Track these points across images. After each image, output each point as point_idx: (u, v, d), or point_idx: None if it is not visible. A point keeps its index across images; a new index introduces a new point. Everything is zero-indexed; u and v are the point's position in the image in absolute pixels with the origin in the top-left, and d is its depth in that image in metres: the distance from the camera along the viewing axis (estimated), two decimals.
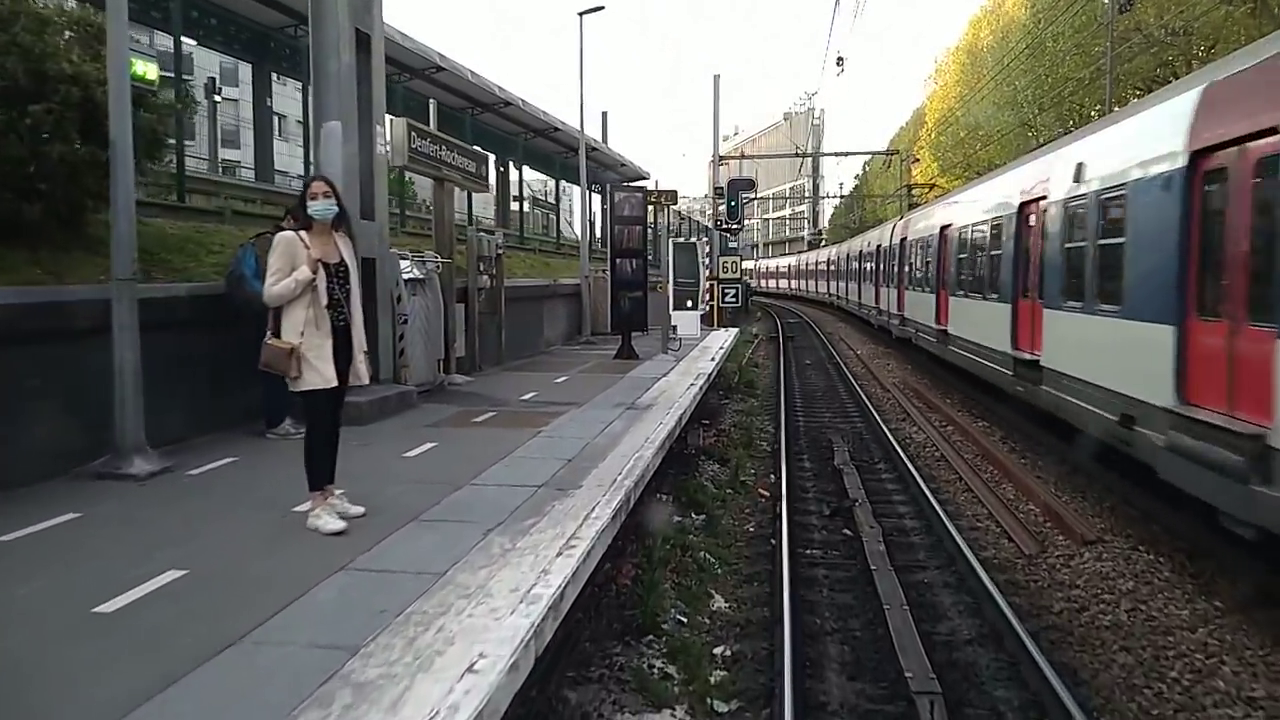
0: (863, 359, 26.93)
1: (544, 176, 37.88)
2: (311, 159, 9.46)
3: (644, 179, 41.50)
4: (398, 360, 10.54)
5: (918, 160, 51.52)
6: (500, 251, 13.92)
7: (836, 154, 43.60)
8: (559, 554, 5.23)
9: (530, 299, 16.17)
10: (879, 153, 49.27)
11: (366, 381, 6.11)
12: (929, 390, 20.67)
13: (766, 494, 12.42)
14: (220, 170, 30.17)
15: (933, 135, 51.80)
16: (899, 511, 11.67)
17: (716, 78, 36.18)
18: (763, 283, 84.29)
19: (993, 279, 16.39)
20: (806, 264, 66.52)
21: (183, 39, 16.57)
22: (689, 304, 14.85)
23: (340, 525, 5.67)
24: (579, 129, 19.69)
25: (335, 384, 5.70)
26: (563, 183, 37.13)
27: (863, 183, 75.70)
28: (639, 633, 6.86)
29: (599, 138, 37.94)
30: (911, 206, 43.26)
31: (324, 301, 5.71)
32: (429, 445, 8.25)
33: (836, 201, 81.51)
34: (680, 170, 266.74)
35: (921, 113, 59.15)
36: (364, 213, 9.68)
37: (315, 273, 5.65)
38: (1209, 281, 8.19)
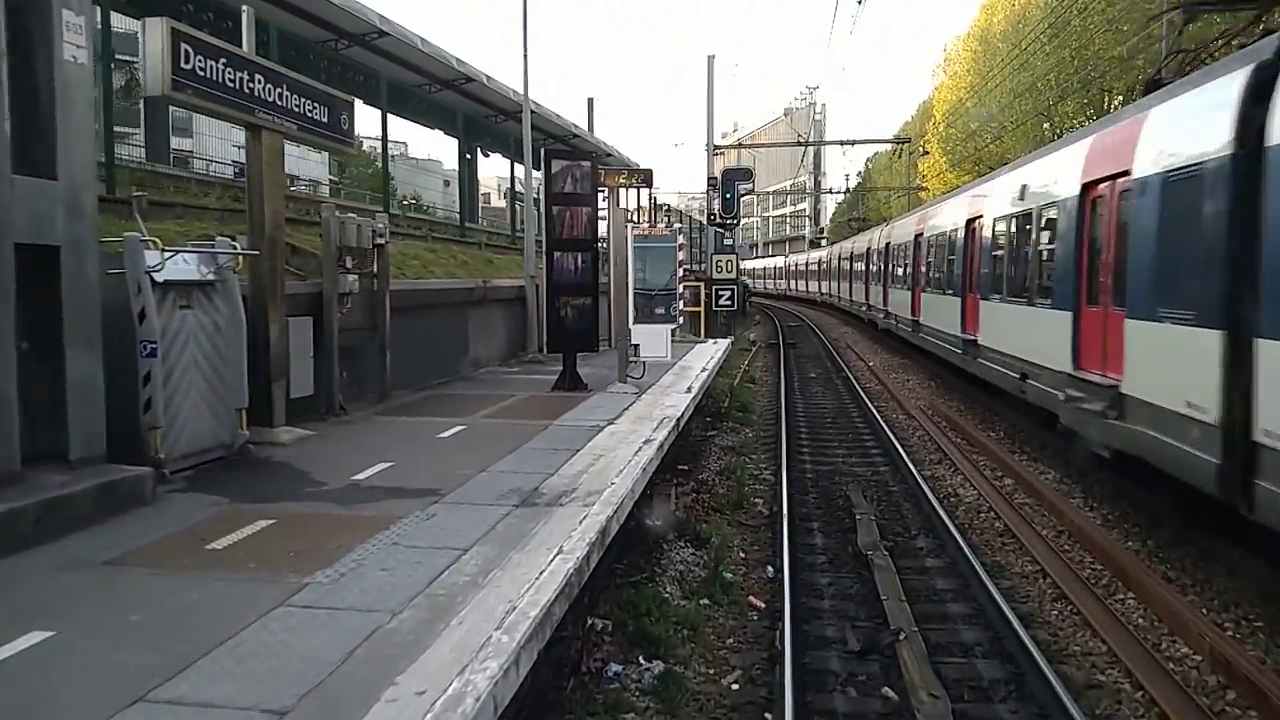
0: (875, 372, 22.28)
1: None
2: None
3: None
4: (143, 419, 5.96)
5: (927, 153, 46.68)
6: (383, 241, 9.33)
7: (841, 142, 38.73)
8: None
9: (446, 307, 11.51)
10: (887, 141, 44.38)
11: None
12: (962, 416, 16.01)
13: (761, 605, 7.94)
14: (171, 161, 25.78)
15: (941, 128, 46.99)
16: (965, 642, 7.21)
17: (711, 58, 31.56)
18: (793, 284, 66.25)
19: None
20: (832, 261, 47.02)
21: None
22: (657, 314, 10.28)
23: None
24: (523, 92, 15.07)
25: None
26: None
27: (866, 179, 70.63)
28: None
29: (584, 126, 33.36)
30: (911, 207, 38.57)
31: None
32: (24, 643, 3.66)
33: (839, 199, 76.41)
34: (677, 170, 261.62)
35: (928, 105, 54.30)
36: (30, 162, 5.08)
37: None
38: None
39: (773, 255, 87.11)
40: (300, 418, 8.19)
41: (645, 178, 13.38)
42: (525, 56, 14.10)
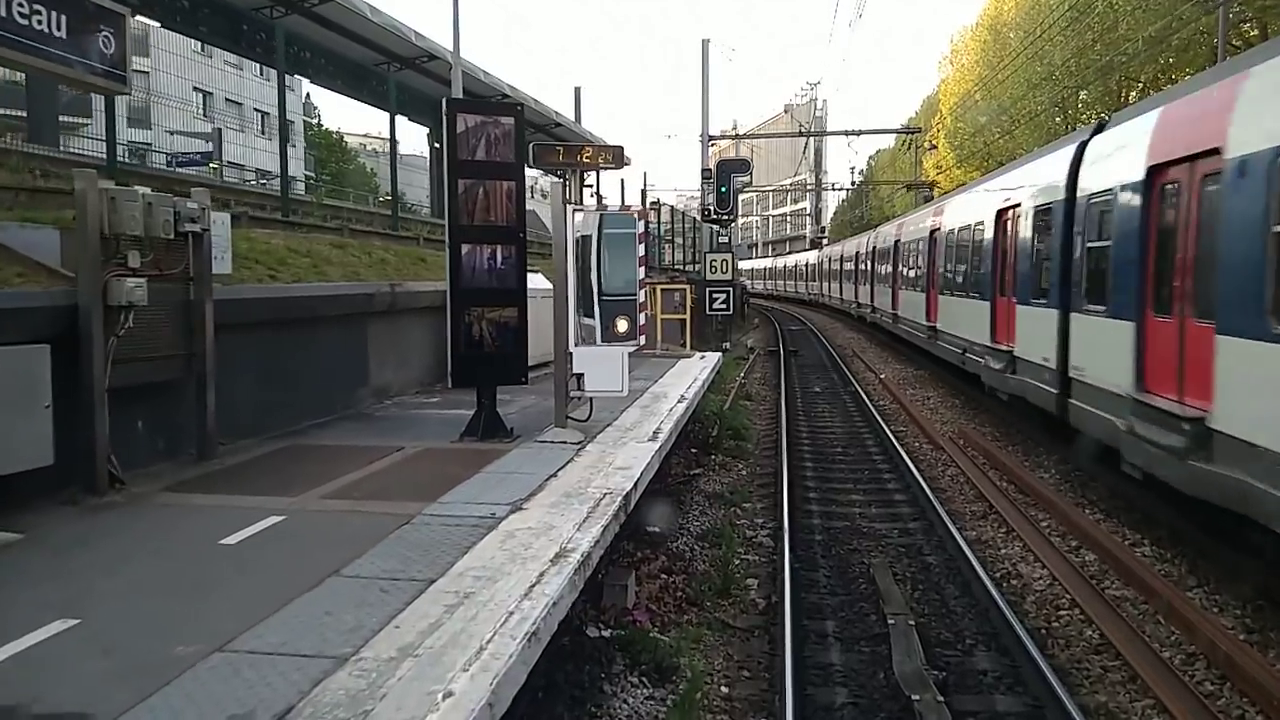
0: (889, 387, 19.08)
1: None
2: None
3: (625, 164, 33.65)
4: None
5: (934, 147, 43.37)
6: (198, 228, 6.20)
7: (846, 132, 35.45)
8: None
9: (330, 320, 8.15)
10: (895, 130, 41.10)
11: None
12: (1002, 449, 12.82)
13: None
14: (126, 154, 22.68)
15: (949, 122, 43.69)
16: None
17: (706, 41, 28.47)
18: (827, 287, 44.69)
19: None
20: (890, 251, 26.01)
21: None
22: (608, 330, 7.04)
23: None
24: (453, 49, 11.84)
25: None
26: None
27: (869, 176, 67.05)
28: None
29: (571, 116, 30.29)
30: (927, 200, 35.20)
31: None
32: None
33: (841, 197, 72.78)
34: (674, 169, 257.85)
35: (934, 100, 50.99)
36: None
37: None
38: None
39: (806, 250, 61.51)
40: (27, 504, 5.08)
41: (614, 155, 10.20)
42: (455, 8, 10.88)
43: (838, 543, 9.04)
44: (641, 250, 7.05)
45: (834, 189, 64.92)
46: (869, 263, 29.98)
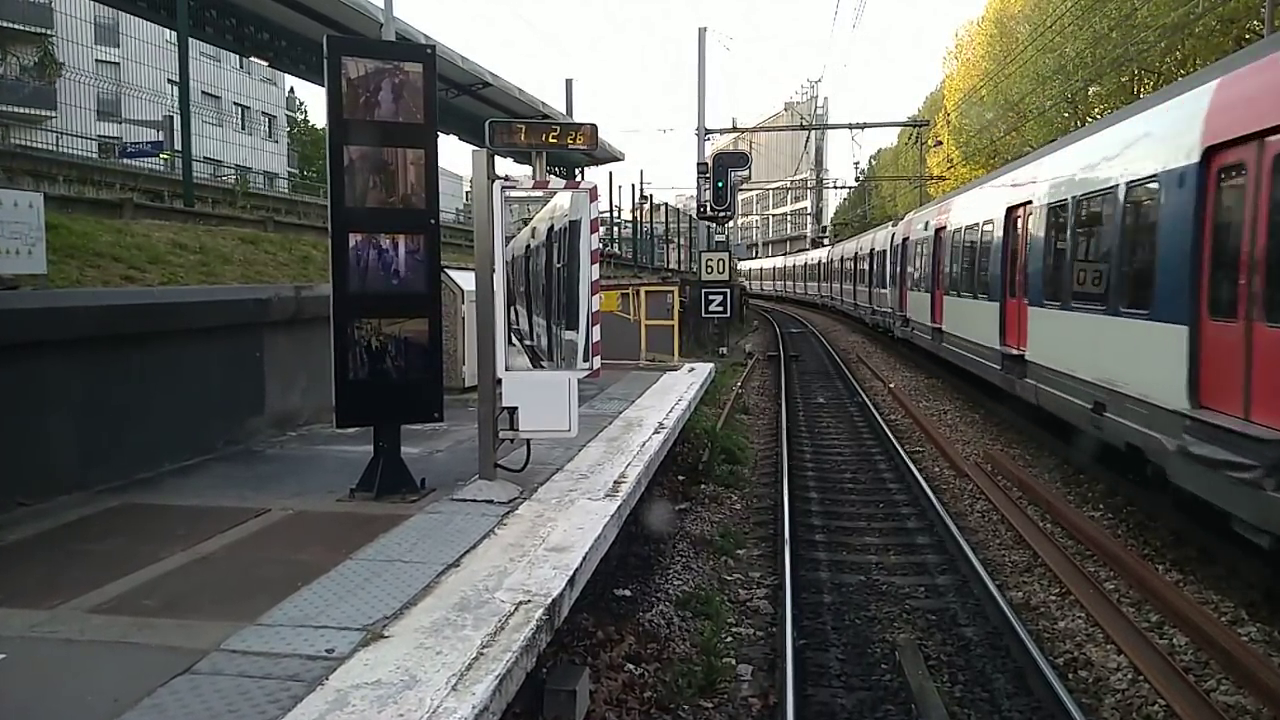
0: (900, 398, 17.14)
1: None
2: None
3: (617, 160, 31.80)
4: None
5: (940, 143, 41.40)
6: None
7: (850, 125, 33.40)
8: None
9: (202, 333, 5.99)
10: (902, 124, 39.07)
11: None
12: (1039, 479, 10.87)
13: None
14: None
15: (954, 118, 41.76)
16: None
17: (703, 30, 26.58)
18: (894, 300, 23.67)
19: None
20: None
21: None
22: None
23: None
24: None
25: None
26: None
27: (871, 174, 64.80)
28: None
29: (563, 109, 28.40)
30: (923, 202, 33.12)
31: None
32: None
33: (843, 195, 70.53)
34: (674, 169, 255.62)
35: (937, 96, 49.03)
36: None
37: None
38: None
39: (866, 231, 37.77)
40: None
41: (586, 134, 8.20)
42: None
43: (852, 607, 7.17)
44: (595, 242, 5.17)
45: (835, 186, 62.75)
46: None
